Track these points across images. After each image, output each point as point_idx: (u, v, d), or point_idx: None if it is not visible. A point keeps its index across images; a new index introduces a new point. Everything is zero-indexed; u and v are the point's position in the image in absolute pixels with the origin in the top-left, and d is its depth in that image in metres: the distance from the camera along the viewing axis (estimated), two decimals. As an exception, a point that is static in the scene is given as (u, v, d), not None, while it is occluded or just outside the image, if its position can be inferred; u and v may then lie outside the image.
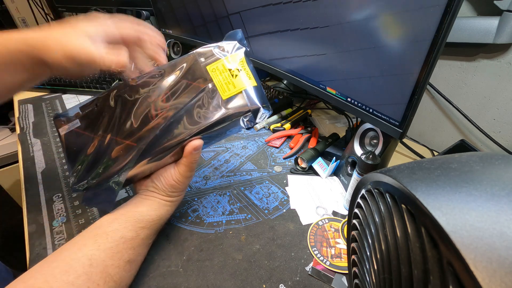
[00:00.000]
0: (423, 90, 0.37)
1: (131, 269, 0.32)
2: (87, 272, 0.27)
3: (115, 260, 0.29)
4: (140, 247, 0.33)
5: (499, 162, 0.20)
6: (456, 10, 0.30)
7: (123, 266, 0.30)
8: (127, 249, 0.31)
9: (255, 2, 0.58)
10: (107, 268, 0.28)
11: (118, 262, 0.29)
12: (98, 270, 0.27)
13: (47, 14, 1.26)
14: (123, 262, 0.30)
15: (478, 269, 0.14)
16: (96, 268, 0.27)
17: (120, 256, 0.30)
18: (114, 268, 0.29)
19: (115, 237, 0.31)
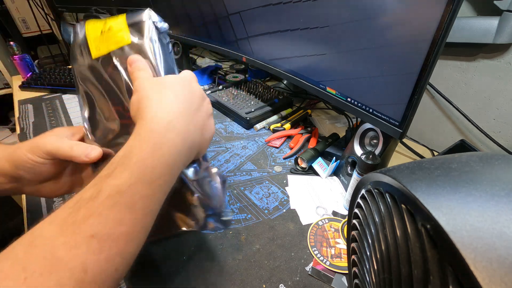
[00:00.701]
0: (423, 90, 0.37)
1: (104, 248, 0.20)
2: (25, 256, 0.18)
3: (67, 236, 0.19)
4: (112, 211, 0.21)
5: (499, 162, 0.20)
6: (456, 10, 0.30)
7: (83, 243, 0.19)
8: (85, 217, 0.20)
9: (255, 2, 0.58)
10: (54, 249, 0.19)
11: (73, 238, 0.19)
12: (41, 253, 0.19)
13: (47, 14, 1.26)
14: (81, 238, 0.19)
15: (478, 269, 0.14)
16: (40, 248, 0.19)
17: (75, 229, 0.20)
18: (66, 248, 0.19)
19: (71, 202, 0.22)
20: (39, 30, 1.32)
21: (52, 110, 0.79)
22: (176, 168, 0.26)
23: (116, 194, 0.21)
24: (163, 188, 0.25)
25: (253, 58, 0.68)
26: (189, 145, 0.27)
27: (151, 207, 0.24)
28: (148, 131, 0.25)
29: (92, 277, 0.19)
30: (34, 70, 0.98)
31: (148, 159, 0.23)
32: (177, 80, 0.30)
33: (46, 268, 0.18)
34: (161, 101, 0.27)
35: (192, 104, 0.29)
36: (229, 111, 0.74)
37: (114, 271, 0.21)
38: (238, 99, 0.77)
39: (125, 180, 0.22)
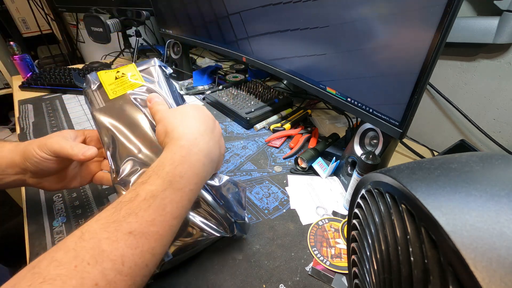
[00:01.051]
0: (423, 90, 0.37)
1: (138, 244, 0.23)
2: (76, 247, 0.21)
3: (110, 232, 0.22)
4: (147, 212, 0.24)
5: (499, 162, 0.20)
6: (456, 10, 0.30)
7: (122, 239, 0.22)
8: (125, 216, 0.23)
9: (255, 2, 0.58)
10: (99, 243, 0.21)
11: (115, 234, 0.22)
12: (89, 245, 0.21)
13: (47, 14, 1.26)
14: (121, 234, 0.22)
15: (478, 269, 0.14)
16: (88, 242, 0.21)
17: (116, 227, 0.23)
18: (109, 242, 0.22)
19: (114, 203, 0.25)
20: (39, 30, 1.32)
21: (52, 110, 0.79)
22: (200, 178, 0.30)
23: (150, 198, 0.25)
24: (189, 196, 0.28)
25: (253, 58, 0.68)
26: (211, 159, 0.32)
27: (179, 211, 0.27)
28: (178, 146, 0.29)
29: (128, 269, 0.22)
30: (34, 70, 0.98)
31: (177, 169, 0.27)
32: (191, 107, 0.35)
33: (92, 258, 0.21)
34: (185, 123, 0.32)
35: (208, 125, 0.34)
36: (229, 111, 0.74)
37: (145, 266, 0.23)
38: (238, 99, 0.77)
39: (158, 186, 0.26)
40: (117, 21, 0.99)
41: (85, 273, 0.20)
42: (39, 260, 0.20)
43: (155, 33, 1.37)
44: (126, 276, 0.22)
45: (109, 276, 0.21)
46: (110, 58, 1.24)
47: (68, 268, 0.20)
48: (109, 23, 0.96)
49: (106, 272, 0.21)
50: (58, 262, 0.20)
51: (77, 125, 0.71)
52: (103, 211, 0.24)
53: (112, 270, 0.21)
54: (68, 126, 0.70)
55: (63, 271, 0.19)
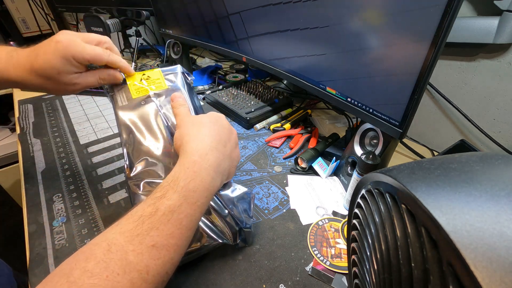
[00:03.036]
0: (423, 90, 0.37)
1: (160, 255, 0.25)
2: (105, 259, 0.23)
3: (135, 245, 0.24)
4: (166, 226, 0.26)
5: (499, 162, 0.20)
6: (456, 10, 0.30)
7: (146, 252, 0.24)
8: (147, 230, 0.25)
9: (255, 2, 0.58)
10: (126, 255, 0.24)
11: (140, 247, 0.24)
12: (117, 257, 0.23)
13: (47, 14, 1.26)
14: (145, 247, 0.24)
15: (478, 269, 0.14)
16: (115, 254, 0.23)
17: (140, 240, 0.25)
18: (135, 254, 0.24)
19: (135, 216, 0.26)
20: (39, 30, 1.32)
21: (52, 110, 0.79)
22: (210, 191, 0.32)
23: (169, 213, 0.27)
24: (201, 209, 0.30)
25: (253, 58, 0.68)
26: (220, 172, 0.33)
27: (192, 223, 0.29)
28: (191, 162, 0.31)
29: (152, 278, 0.24)
30: (34, 70, 0.98)
31: (190, 184, 0.29)
32: (209, 118, 0.37)
33: (121, 269, 0.23)
34: (198, 138, 0.34)
35: (222, 138, 0.36)
36: (229, 111, 0.74)
37: (165, 274, 0.26)
38: (238, 99, 0.77)
39: (175, 202, 0.28)
40: (117, 21, 0.99)
41: (116, 283, 0.22)
42: (70, 268, 0.22)
43: (155, 33, 1.37)
44: (151, 284, 0.24)
45: (136, 284, 0.23)
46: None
47: (101, 278, 0.22)
48: (109, 23, 0.96)
49: (134, 281, 0.23)
50: (91, 272, 0.22)
51: (77, 125, 0.71)
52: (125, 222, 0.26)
53: (139, 279, 0.23)
54: (68, 126, 0.70)
55: (96, 280, 0.21)
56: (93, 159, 0.59)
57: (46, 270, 0.37)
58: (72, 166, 0.56)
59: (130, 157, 0.37)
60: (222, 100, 0.76)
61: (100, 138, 0.66)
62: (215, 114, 0.38)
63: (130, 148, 0.37)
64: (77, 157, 0.59)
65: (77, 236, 0.42)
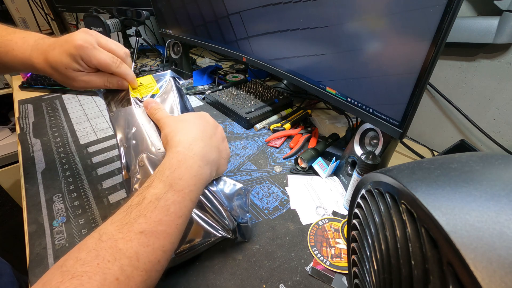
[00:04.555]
0: (423, 90, 0.37)
1: (149, 242, 0.26)
2: (96, 248, 0.24)
3: (124, 233, 0.25)
4: (154, 213, 0.27)
5: (499, 162, 0.20)
6: (456, 10, 0.30)
7: (135, 238, 0.25)
8: (135, 218, 0.26)
9: (255, 2, 0.58)
10: (116, 242, 0.24)
11: (128, 234, 0.25)
12: (107, 245, 0.24)
13: (47, 14, 1.26)
14: (134, 234, 0.25)
15: (478, 269, 0.14)
16: (106, 242, 0.24)
17: (129, 228, 0.25)
18: (124, 241, 0.25)
19: (124, 207, 0.28)
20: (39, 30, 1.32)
21: (52, 110, 0.79)
22: (199, 180, 0.32)
23: (155, 200, 0.28)
24: (190, 196, 0.30)
25: (253, 58, 0.68)
26: (208, 162, 0.34)
27: (182, 211, 0.29)
28: (175, 152, 0.32)
29: (143, 265, 0.25)
30: (34, 70, 0.98)
31: (175, 172, 0.30)
32: (193, 115, 0.38)
33: (111, 256, 0.24)
34: (182, 131, 0.35)
35: (206, 131, 0.36)
36: (229, 111, 0.74)
37: (157, 262, 0.26)
38: (238, 99, 0.77)
39: (161, 189, 0.28)
40: (117, 21, 0.99)
41: (107, 269, 0.23)
42: (65, 259, 0.23)
43: (155, 33, 1.37)
44: (142, 271, 0.25)
45: (127, 271, 0.24)
46: (110, 58, 1.24)
47: (92, 266, 0.22)
48: (109, 23, 0.96)
49: (124, 268, 0.24)
50: (83, 261, 0.23)
51: (77, 125, 0.71)
52: (115, 214, 0.27)
53: (129, 266, 0.24)
54: (68, 126, 0.70)
55: (87, 268, 0.22)
56: (93, 159, 0.59)
57: (46, 270, 0.37)
58: (72, 166, 0.56)
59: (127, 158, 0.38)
60: (222, 100, 0.76)
61: (100, 138, 0.66)
62: (199, 112, 0.40)
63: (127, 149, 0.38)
64: (77, 157, 0.59)
65: (77, 236, 0.42)
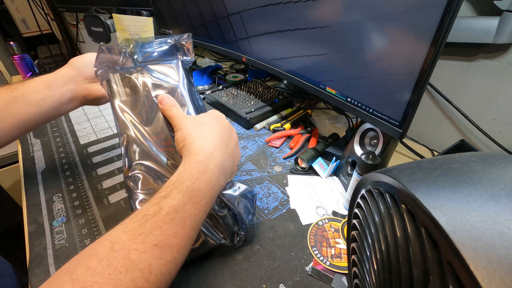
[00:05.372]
0: (423, 90, 0.37)
1: (163, 255, 0.25)
2: (108, 257, 0.23)
3: (138, 244, 0.24)
4: (170, 226, 0.26)
5: (499, 162, 0.20)
6: (456, 10, 0.30)
7: (149, 251, 0.24)
8: (151, 229, 0.25)
9: (255, 2, 0.58)
10: (129, 253, 0.24)
11: (142, 246, 0.24)
12: (120, 255, 0.23)
13: (47, 14, 1.26)
14: (148, 246, 0.24)
15: (478, 269, 0.14)
16: (118, 252, 0.23)
17: (143, 239, 0.25)
18: (137, 253, 0.24)
19: (139, 215, 0.26)
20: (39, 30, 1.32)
21: (52, 110, 0.79)
22: (215, 190, 0.32)
23: (173, 212, 0.27)
24: (205, 208, 0.30)
25: (253, 58, 0.68)
26: (224, 171, 0.34)
27: (197, 223, 0.29)
28: (196, 161, 0.31)
29: (155, 278, 0.24)
30: (34, 70, 0.98)
31: (195, 184, 0.29)
32: (210, 117, 0.37)
33: (123, 267, 0.23)
34: (202, 138, 0.34)
35: (224, 137, 0.36)
36: (229, 111, 0.74)
37: (168, 274, 0.26)
38: (238, 99, 0.77)
39: (179, 201, 0.28)
40: (117, 21, 0.99)
41: (118, 281, 0.22)
42: (74, 266, 0.23)
43: (155, 33, 1.37)
44: (153, 284, 0.24)
45: (139, 283, 0.23)
46: (110, 58, 1.24)
47: (103, 276, 0.22)
48: (109, 23, 0.95)
49: (136, 280, 0.23)
50: (93, 270, 0.22)
51: (77, 125, 0.71)
52: (129, 221, 0.26)
53: (141, 278, 0.23)
54: (68, 126, 0.70)
55: (98, 278, 0.22)
56: (93, 159, 0.59)
57: (46, 270, 0.37)
58: (72, 166, 0.56)
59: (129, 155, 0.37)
60: (222, 100, 0.76)
61: (100, 138, 0.66)
62: (215, 113, 0.38)
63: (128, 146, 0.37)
64: (77, 157, 0.59)
65: (77, 236, 0.42)
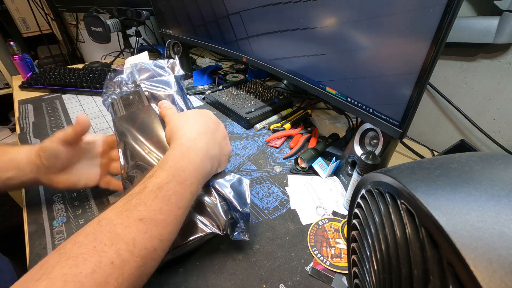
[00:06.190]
0: (423, 90, 0.37)
1: (148, 229, 0.26)
2: (94, 231, 0.25)
3: (123, 219, 0.26)
4: (154, 202, 0.28)
5: (499, 162, 0.20)
6: (456, 10, 0.30)
7: (134, 225, 0.26)
8: (135, 205, 0.27)
9: (255, 2, 0.58)
10: (114, 227, 0.25)
11: (127, 221, 0.26)
12: (106, 230, 0.25)
13: (47, 14, 1.27)
14: (132, 221, 0.26)
15: (478, 269, 0.14)
16: (104, 227, 0.25)
17: (128, 214, 0.26)
18: (122, 227, 0.25)
19: (126, 195, 0.29)
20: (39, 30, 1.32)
21: (52, 110, 0.79)
22: (200, 173, 0.33)
23: (157, 190, 0.29)
24: (191, 189, 0.31)
25: (253, 58, 0.68)
26: (210, 157, 0.35)
27: (182, 202, 0.30)
28: (179, 144, 0.34)
29: (138, 251, 0.25)
30: (34, 70, 0.98)
31: (179, 164, 0.31)
32: (197, 112, 0.40)
33: (108, 240, 0.24)
34: (186, 126, 0.36)
35: (209, 128, 0.38)
36: (229, 111, 0.74)
37: (154, 250, 0.27)
38: (238, 99, 0.77)
39: (163, 179, 0.30)
40: (117, 21, 0.99)
41: (103, 252, 0.23)
42: (64, 243, 0.24)
43: (155, 33, 1.37)
44: (137, 257, 0.25)
45: (123, 256, 0.24)
46: (110, 58, 1.24)
47: (88, 248, 0.23)
48: (109, 23, 0.96)
49: (120, 252, 0.24)
50: (80, 243, 0.24)
51: (77, 125, 0.71)
52: (117, 202, 0.28)
53: (126, 251, 0.24)
54: (68, 126, 0.70)
55: (84, 250, 0.23)
56: (93, 159, 0.59)
57: (46, 270, 0.37)
58: (72, 166, 0.56)
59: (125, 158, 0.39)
60: (222, 100, 0.76)
61: (100, 138, 0.66)
62: (202, 110, 0.41)
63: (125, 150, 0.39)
64: (77, 157, 0.59)
65: (77, 236, 0.42)
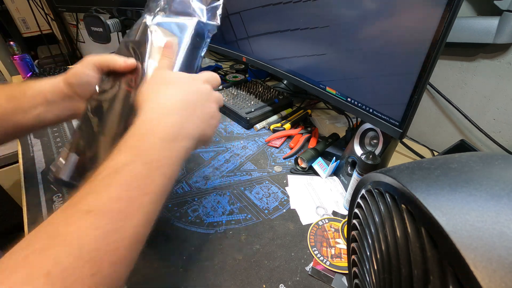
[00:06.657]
0: (423, 90, 0.37)
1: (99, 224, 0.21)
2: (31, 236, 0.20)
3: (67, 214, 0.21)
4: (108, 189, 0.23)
5: (499, 162, 0.20)
6: (456, 10, 0.30)
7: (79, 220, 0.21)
8: (84, 195, 0.22)
9: (255, 2, 0.58)
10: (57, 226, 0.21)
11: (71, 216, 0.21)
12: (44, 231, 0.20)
13: (47, 14, 1.26)
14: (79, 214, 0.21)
15: (478, 269, 0.14)
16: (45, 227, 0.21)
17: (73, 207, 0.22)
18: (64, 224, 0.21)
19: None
20: (39, 30, 1.32)
21: (52, 110, 0.79)
22: (172, 152, 0.27)
23: (113, 173, 0.23)
24: (160, 171, 0.26)
25: (253, 58, 0.68)
26: (185, 136, 0.29)
27: (149, 187, 0.24)
28: (141, 121, 0.28)
29: (88, 254, 0.19)
30: (34, 70, 0.98)
31: (140, 142, 0.26)
32: (185, 79, 0.33)
33: (45, 245, 0.19)
34: (160, 98, 0.30)
35: (190, 101, 0.31)
36: (229, 111, 0.74)
37: (113, 250, 0.20)
38: (238, 99, 0.77)
39: (120, 161, 0.24)
40: (117, 21, 0.99)
41: (35, 262, 0.18)
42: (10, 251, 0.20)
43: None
44: (88, 262, 0.19)
45: (64, 262, 0.18)
46: (110, 58, 1.24)
47: (18, 259, 0.18)
48: (109, 23, 0.95)
49: (59, 259, 0.18)
50: (10, 254, 0.19)
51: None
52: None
53: (69, 256, 0.19)
54: (68, 126, 0.70)
55: (11, 263, 0.18)
56: (93, 159, 0.59)
57: (46, 270, 0.37)
58: (72, 166, 0.56)
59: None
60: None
61: (100, 138, 0.66)
62: (199, 75, 0.34)
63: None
64: (77, 157, 0.59)
65: (77, 236, 0.42)
